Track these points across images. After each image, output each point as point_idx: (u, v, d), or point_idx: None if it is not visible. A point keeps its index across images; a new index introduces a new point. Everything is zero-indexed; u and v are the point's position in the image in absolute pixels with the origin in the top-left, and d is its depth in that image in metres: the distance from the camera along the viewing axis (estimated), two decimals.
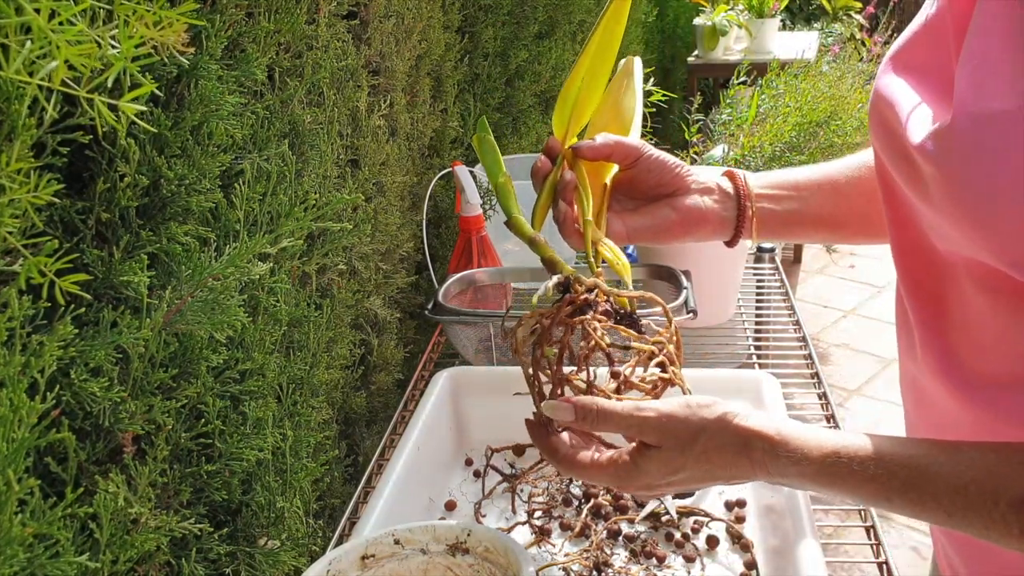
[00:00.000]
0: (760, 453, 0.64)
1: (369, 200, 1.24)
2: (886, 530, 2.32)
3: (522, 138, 1.99)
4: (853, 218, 0.84)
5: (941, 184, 0.57)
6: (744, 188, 0.82)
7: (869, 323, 3.46)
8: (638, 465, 0.67)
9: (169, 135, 0.72)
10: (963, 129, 0.55)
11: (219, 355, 0.81)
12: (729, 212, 0.82)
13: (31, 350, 0.58)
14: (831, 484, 0.62)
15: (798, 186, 0.84)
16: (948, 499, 0.57)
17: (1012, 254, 0.54)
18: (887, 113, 0.65)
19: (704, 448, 0.65)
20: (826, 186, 0.83)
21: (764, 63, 2.65)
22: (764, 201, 0.82)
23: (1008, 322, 0.60)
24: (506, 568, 0.75)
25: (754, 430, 0.65)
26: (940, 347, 0.67)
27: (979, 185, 0.54)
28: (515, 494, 1.04)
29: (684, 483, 0.67)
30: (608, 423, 0.67)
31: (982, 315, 0.62)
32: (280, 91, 0.96)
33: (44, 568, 0.59)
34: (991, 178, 0.53)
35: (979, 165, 0.54)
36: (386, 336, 1.35)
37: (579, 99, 0.79)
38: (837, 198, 0.83)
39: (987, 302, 0.62)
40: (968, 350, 0.65)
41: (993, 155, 0.53)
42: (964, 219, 0.56)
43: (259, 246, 0.81)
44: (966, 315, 0.64)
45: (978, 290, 0.62)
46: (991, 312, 0.61)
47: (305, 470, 0.97)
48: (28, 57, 0.46)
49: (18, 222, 0.55)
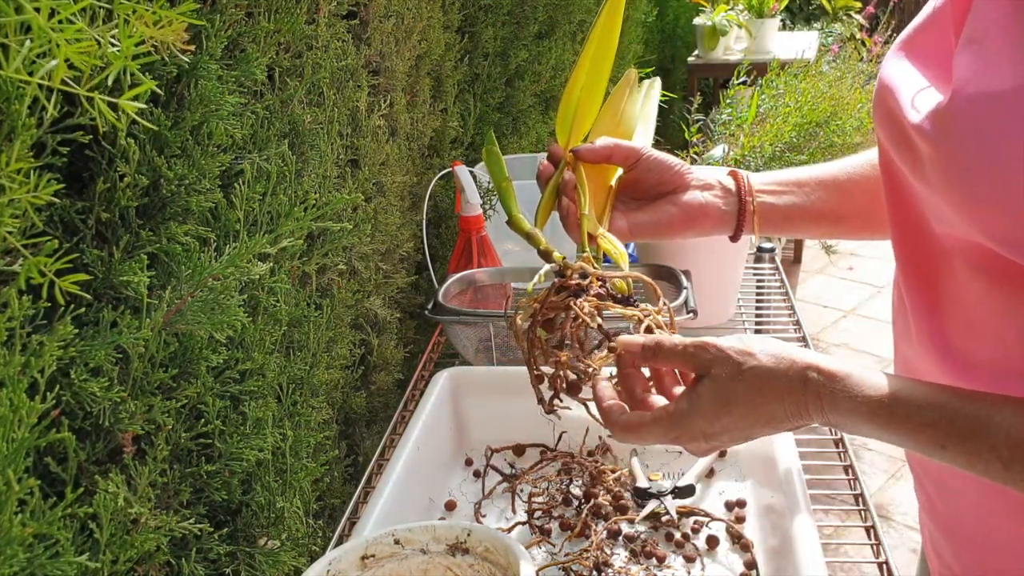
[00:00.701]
0: (816, 385, 0.62)
1: (369, 200, 1.24)
2: (886, 530, 2.33)
3: (522, 138, 1.99)
4: (854, 214, 0.85)
5: (938, 164, 0.58)
6: (745, 183, 0.84)
7: (869, 323, 3.46)
8: (691, 403, 0.64)
9: (169, 135, 0.72)
10: (961, 109, 0.56)
11: (219, 355, 0.81)
12: (730, 207, 0.83)
13: (31, 350, 0.58)
14: (886, 426, 0.60)
15: (800, 182, 0.85)
16: (1008, 450, 0.56)
17: (1004, 232, 0.55)
18: (889, 99, 0.66)
19: (756, 375, 0.63)
20: (828, 182, 0.85)
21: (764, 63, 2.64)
22: (765, 196, 0.84)
23: (1002, 307, 0.61)
24: (506, 568, 0.75)
25: (810, 361, 0.63)
26: (936, 331, 0.68)
27: (975, 164, 0.55)
28: (515, 494, 1.04)
29: (737, 425, 0.64)
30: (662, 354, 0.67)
31: (977, 300, 0.63)
32: (280, 91, 0.96)
33: (44, 568, 0.59)
34: (987, 157, 0.54)
35: (976, 145, 0.55)
36: (386, 336, 1.35)
37: (580, 105, 0.82)
38: (839, 194, 0.84)
39: (982, 286, 0.62)
40: (962, 335, 0.66)
41: (990, 135, 0.54)
42: (959, 198, 0.57)
43: (259, 246, 0.81)
44: (961, 300, 0.65)
45: (973, 274, 0.63)
46: (986, 296, 0.62)
47: (305, 470, 0.97)
48: (28, 56, 0.46)
49: (18, 222, 0.55)
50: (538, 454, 1.10)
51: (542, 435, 1.11)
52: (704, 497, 1.02)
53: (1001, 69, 0.55)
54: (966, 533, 0.73)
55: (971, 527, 0.72)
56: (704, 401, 0.64)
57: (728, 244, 0.87)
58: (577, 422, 1.10)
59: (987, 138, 0.54)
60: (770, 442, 0.99)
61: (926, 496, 0.78)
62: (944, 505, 0.75)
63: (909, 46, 0.68)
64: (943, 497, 0.75)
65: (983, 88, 0.55)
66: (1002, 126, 0.54)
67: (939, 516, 0.76)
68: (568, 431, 1.10)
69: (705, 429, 0.65)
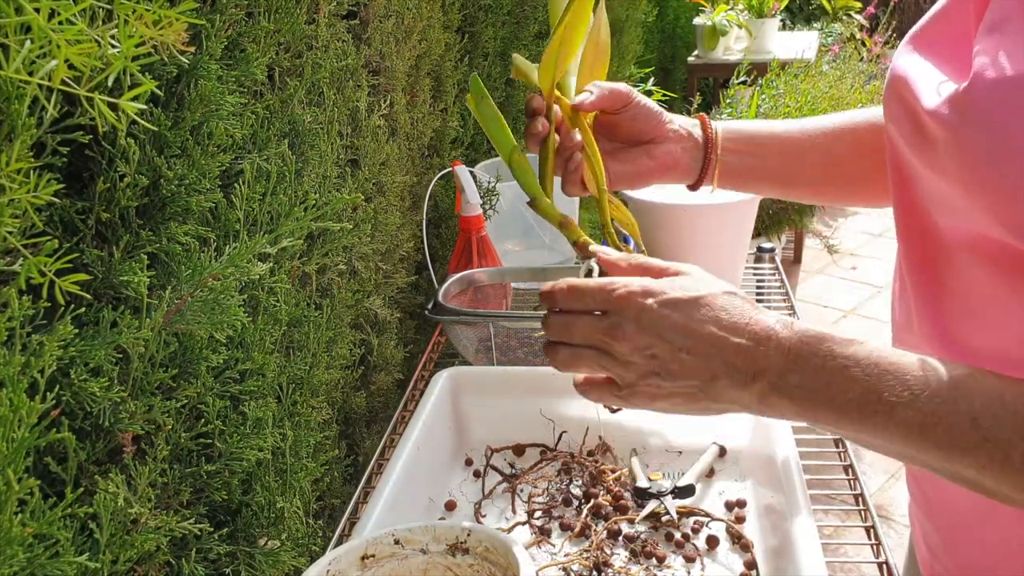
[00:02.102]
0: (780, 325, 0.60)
1: (369, 200, 1.24)
2: (886, 530, 2.33)
3: (522, 138, 1.99)
4: (803, 181, 0.89)
5: (954, 149, 0.58)
6: (713, 138, 0.86)
7: (869, 323, 3.46)
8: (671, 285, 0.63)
9: (169, 135, 0.72)
10: (981, 94, 0.56)
11: (219, 355, 0.81)
12: (696, 161, 0.86)
13: (31, 350, 0.58)
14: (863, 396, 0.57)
15: (761, 142, 0.88)
16: None
17: (1020, 219, 0.55)
18: (903, 89, 0.66)
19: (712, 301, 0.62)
20: (788, 146, 0.87)
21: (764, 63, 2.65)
22: (728, 155, 0.86)
23: (1006, 300, 0.61)
24: (506, 568, 0.75)
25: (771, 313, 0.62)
26: (939, 323, 0.68)
27: (994, 149, 0.55)
28: (515, 494, 1.04)
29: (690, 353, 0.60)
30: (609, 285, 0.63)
31: (981, 293, 0.63)
32: (280, 91, 0.96)
33: (44, 568, 0.59)
34: (1007, 142, 0.54)
35: (995, 129, 0.55)
36: (386, 336, 1.35)
37: (562, 47, 0.75)
38: (794, 161, 0.87)
39: (987, 278, 0.62)
40: (966, 327, 0.66)
41: (1010, 119, 0.54)
42: (975, 185, 0.57)
43: (259, 246, 0.81)
44: (965, 293, 0.65)
45: (978, 266, 0.63)
46: (990, 288, 0.62)
47: (305, 470, 0.97)
48: (28, 56, 0.46)
49: (18, 222, 0.55)
50: (538, 454, 1.10)
51: (542, 435, 1.11)
52: (704, 497, 1.02)
53: (1020, 56, 0.55)
54: (960, 528, 0.73)
55: (966, 522, 0.72)
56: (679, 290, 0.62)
57: (728, 244, 0.88)
58: (577, 422, 1.11)
59: (1007, 122, 0.54)
60: (770, 442, 0.99)
61: (920, 491, 0.78)
62: (939, 499, 0.75)
63: (920, 40, 0.68)
64: (937, 490, 0.75)
65: (1004, 73, 0.55)
66: (1022, 110, 0.54)
67: (933, 511, 0.76)
68: (568, 431, 1.10)
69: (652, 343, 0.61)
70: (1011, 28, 0.57)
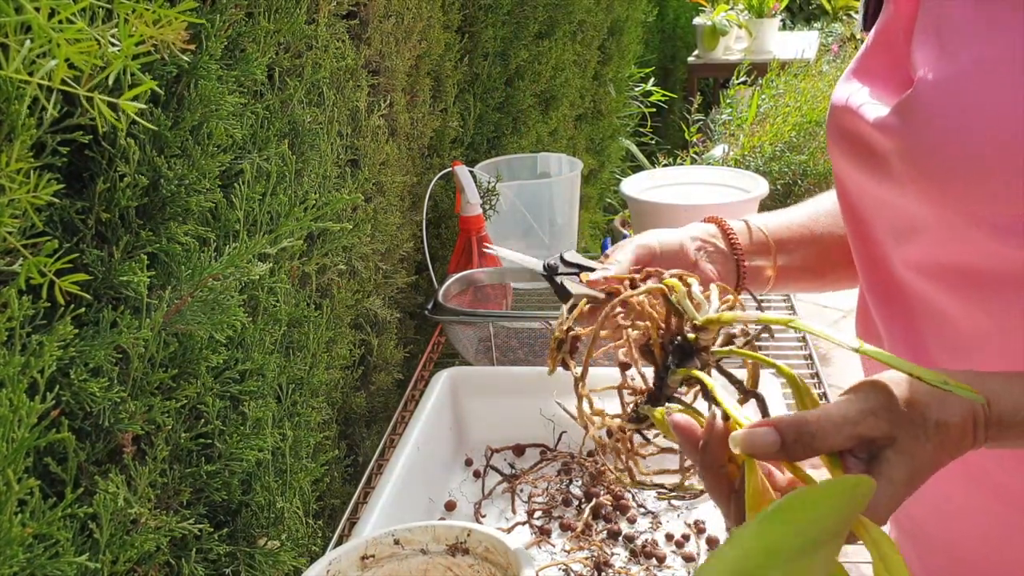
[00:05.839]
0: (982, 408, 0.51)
1: (369, 200, 1.24)
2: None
3: (522, 138, 1.99)
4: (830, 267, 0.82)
5: (907, 153, 0.59)
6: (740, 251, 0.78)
7: None
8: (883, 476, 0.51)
9: (169, 135, 0.72)
10: (926, 94, 0.57)
11: (219, 355, 0.81)
12: (729, 272, 0.78)
13: (31, 350, 0.58)
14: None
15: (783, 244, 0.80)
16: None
17: (985, 211, 0.55)
18: (843, 117, 0.67)
19: (938, 422, 0.51)
20: (807, 238, 0.81)
21: (764, 63, 2.65)
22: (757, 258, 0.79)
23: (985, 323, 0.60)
24: (506, 568, 0.75)
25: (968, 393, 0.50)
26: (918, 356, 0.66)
27: (946, 141, 0.56)
28: (515, 494, 1.04)
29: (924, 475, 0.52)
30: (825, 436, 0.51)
31: (954, 320, 0.62)
32: (280, 91, 0.96)
33: (44, 568, 0.59)
34: (958, 130, 0.55)
35: (945, 122, 0.56)
36: (386, 336, 1.35)
37: None
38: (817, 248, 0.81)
39: (958, 305, 0.61)
40: (947, 359, 0.64)
41: (958, 109, 0.55)
42: (934, 183, 0.57)
43: (259, 246, 0.81)
44: (938, 324, 0.64)
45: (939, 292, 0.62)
46: (963, 314, 0.61)
47: (305, 470, 0.97)
48: (28, 56, 0.46)
49: (18, 222, 0.55)
50: (538, 454, 1.10)
51: (542, 435, 1.11)
52: (702, 502, 1.02)
53: (958, 53, 0.56)
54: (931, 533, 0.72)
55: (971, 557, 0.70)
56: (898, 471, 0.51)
57: None
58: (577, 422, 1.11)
59: (955, 112, 0.55)
60: None
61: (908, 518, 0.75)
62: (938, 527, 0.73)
63: (859, 72, 0.69)
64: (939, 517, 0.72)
65: (946, 73, 0.57)
66: (969, 98, 0.55)
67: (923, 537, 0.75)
68: (568, 431, 1.10)
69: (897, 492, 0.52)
70: (945, 32, 0.58)
